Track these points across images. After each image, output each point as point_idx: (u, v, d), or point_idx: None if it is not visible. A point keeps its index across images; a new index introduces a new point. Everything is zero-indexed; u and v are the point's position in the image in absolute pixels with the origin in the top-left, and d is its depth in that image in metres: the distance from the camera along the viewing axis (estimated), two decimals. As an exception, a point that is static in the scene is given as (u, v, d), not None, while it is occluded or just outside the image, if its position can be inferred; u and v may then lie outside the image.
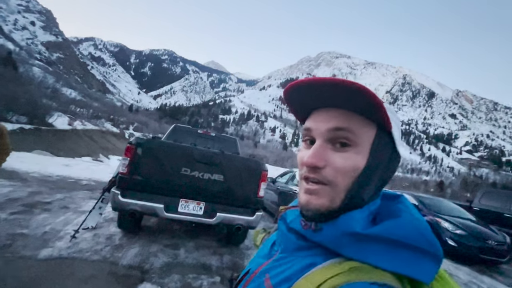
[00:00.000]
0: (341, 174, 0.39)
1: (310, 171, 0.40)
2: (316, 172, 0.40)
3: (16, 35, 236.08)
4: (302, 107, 0.45)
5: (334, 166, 0.39)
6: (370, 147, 0.40)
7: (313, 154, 0.40)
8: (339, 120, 0.40)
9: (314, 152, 0.40)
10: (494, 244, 5.20)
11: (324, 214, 0.40)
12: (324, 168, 0.39)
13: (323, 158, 0.39)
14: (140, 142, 3.00)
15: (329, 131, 0.40)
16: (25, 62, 74.29)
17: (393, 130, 0.41)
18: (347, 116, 0.39)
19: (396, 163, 0.44)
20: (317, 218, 0.41)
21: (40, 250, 2.69)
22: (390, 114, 0.39)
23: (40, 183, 5.61)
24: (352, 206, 0.40)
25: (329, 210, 0.40)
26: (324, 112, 0.42)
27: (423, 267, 0.35)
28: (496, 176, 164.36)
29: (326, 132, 0.40)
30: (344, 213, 0.40)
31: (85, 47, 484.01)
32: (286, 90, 0.42)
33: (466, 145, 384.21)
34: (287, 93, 0.43)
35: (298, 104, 0.44)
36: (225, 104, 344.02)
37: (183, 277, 2.69)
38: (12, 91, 27.27)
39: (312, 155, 0.40)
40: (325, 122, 0.41)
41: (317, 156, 0.40)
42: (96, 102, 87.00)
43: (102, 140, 38.01)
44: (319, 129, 0.41)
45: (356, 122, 0.39)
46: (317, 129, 0.42)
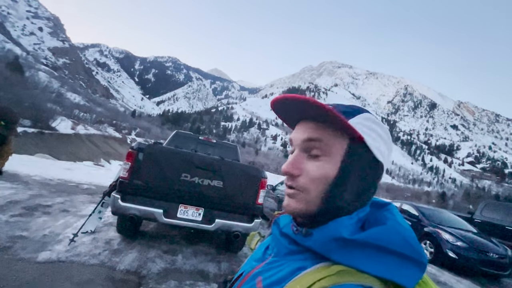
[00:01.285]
0: (313, 182, 0.42)
1: (288, 179, 0.45)
2: (292, 179, 0.44)
3: (24, 40, 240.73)
4: (290, 118, 0.48)
5: (307, 174, 0.43)
6: (342, 156, 0.42)
7: (289, 163, 0.44)
8: (312, 131, 0.43)
9: (290, 161, 0.44)
10: (495, 257, 5.14)
11: (305, 217, 0.44)
12: (299, 176, 0.43)
13: (299, 166, 0.44)
14: (142, 148, 3.04)
15: (303, 142, 0.44)
16: (31, 67, 75.43)
17: (367, 140, 0.43)
18: (319, 127, 0.43)
19: (378, 171, 0.45)
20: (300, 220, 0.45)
21: (39, 253, 2.70)
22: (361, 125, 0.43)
23: (41, 186, 5.64)
24: (333, 212, 0.43)
25: (308, 213, 0.43)
26: (302, 124, 0.46)
27: (407, 273, 0.36)
28: (498, 188, 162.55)
29: (301, 142, 0.44)
30: (328, 218, 0.42)
31: (91, 53, 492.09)
32: (273, 103, 0.45)
33: (468, 156, 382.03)
34: (275, 106, 0.46)
35: (283, 117, 0.49)
36: (227, 111, 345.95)
37: (180, 284, 2.68)
38: (17, 95, 27.67)
39: (288, 164, 0.44)
40: (302, 133, 0.45)
41: (292, 164, 0.44)
42: (99, 107, 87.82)
43: (104, 145, 38.18)
44: (297, 139, 0.45)
45: (327, 133, 0.42)
46: (296, 139, 0.46)
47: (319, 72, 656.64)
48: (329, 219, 0.42)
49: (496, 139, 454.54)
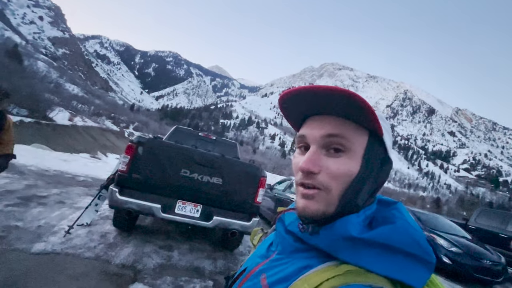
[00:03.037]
0: (335, 179, 0.40)
1: (305, 177, 0.42)
2: (311, 177, 0.41)
3: (24, 29, 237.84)
4: (297, 114, 0.46)
5: (328, 171, 0.40)
6: (363, 153, 0.41)
7: (308, 160, 0.41)
8: (333, 126, 0.41)
9: (309, 158, 0.41)
10: (489, 263, 5.17)
11: (321, 219, 0.41)
12: (318, 173, 0.41)
13: (318, 163, 0.41)
14: (142, 141, 3.00)
15: (323, 137, 0.41)
16: (30, 56, 74.68)
17: (384, 137, 0.42)
18: (340, 123, 0.41)
19: (388, 169, 0.45)
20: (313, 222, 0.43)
21: (33, 243, 2.66)
22: (381, 121, 0.40)
23: (37, 177, 5.58)
24: (347, 211, 0.41)
25: (325, 215, 0.41)
26: (318, 119, 0.43)
27: (416, 273, 0.36)
28: (492, 196, 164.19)
29: (320, 138, 0.42)
30: (340, 217, 0.41)
31: (91, 44, 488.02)
32: (282, 97, 0.43)
33: (464, 163, 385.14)
34: (283, 100, 0.44)
35: (293, 111, 0.46)
36: (226, 108, 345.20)
37: (175, 279, 2.67)
38: (15, 84, 27.38)
39: (307, 161, 0.41)
40: (319, 128, 0.42)
41: (312, 161, 0.41)
42: (98, 100, 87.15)
43: (101, 138, 37.93)
44: (314, 135, 0.42)
45: (349, 129, 0.41)
46: (311, 135, 0.43)
47: (319, 73, 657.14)
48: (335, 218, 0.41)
49: (492, 147, 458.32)
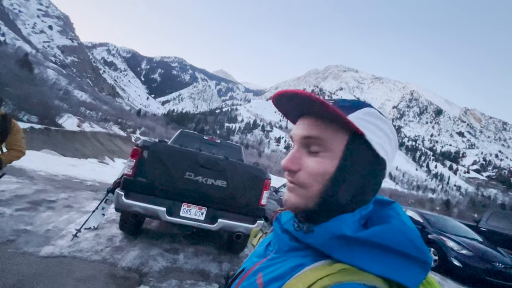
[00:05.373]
0: (312, 177, 0.42)
1: (288, 174, 0.45)
2: (292, 175, 0.44)
3: (34, 38, 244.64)
4: (290, 114, 0.48)
5: (307, 169, 0.43)
6: (342, 152, 0.42)
7: (288, 159, 0.44)
8: (310, 128, 0.43)
9: (289, 157, 0.45)
10: (501, 267, 5.03)
11: (305, 212, 0.44)
12: (299, 171, 0.43)
13: (298, 162, 0.44)
14: (147, 145, 3.05)
15: (302, 138, 0.44)
16: (40, 64, 76.65)
17: (368, 135, 0.41)
18: (318, 123, 0.42)
19: (380, 167, 0.44)
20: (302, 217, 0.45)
21: (42, 247, 2.71)
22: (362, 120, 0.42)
23: (46, 182, 5.69)
24: (334, 209, 0.42)
25: (307, 209, 0.43)
26: (302, 120, 0.46)
27: (410, 273, 0.36)
28: (505, 197, 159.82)
29: (300, 138, 0.44)
30: (330, 215, 0.42)
31: (98, 51, 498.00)
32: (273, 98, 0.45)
33: (474, 164, 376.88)
34: (275, 101, 0.46)
35: (284, 112, 0.48)
36: (231, 112, 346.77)
37: (181, 283, 2.67)
38: (26, 91, 28.09)
39: (287, 159, 0.44)
40: (300, 129, 0.45)
41: (291, 160, 0.44)
42: (105, 105, 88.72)
43: (109, 143, 38.51)
44: (296, 135, 0.45)
45: (327, 129, 0.42)
46: (295, 135, 0.46)
47: (324, 76, 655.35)
48: (331, 216, 0.42)
49: (503, 147, 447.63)
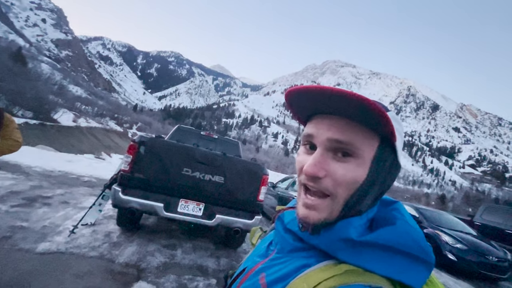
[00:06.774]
0: (341, 186, 0.38)
1: (310, 180, 0.40)
2: (315, 181, 0.39)
3: (27, 32, 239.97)
4: (304, 110, 0.43)
5: (334, 177, 0.38)
6: (372, 159, 0.39)
7: (313, 163, 0.39)
8: (341, 131, 0.38)
9: (314, 161, 0.39)
10: (495, 260, 5.12)
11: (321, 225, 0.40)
12: (324, 178, 0.39)
13: (323, 167, 0.39)
14: (144, 141, 3.02)
15: (329, 141, 0.39)
16: (34, 58, 75.35)
17: (396, 142, 0.39)
18: (349, 126, 0.38)
19: (396, 173, 0.43)
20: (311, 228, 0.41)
21: (38, 243, 2.70)
22: (395, 125, 0.38)
23: (42, 178, 5.64)
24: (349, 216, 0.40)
25: (326, 222, 0.40)
26: (326, 118, 0.40)
27: (415, 273, 0.36)
28: (498, 192, 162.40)
29: (327, 141, 0.39)
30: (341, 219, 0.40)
31: (93, 46, 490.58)
32: (290, 92, 0.41)
33: (469, 159, 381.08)
34: (291, 95, 0.41)
35: (301, 107, 0.43)
36: (228, 108, 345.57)
37: (179, 278, 2.68)
38: (20, 86, 27.66)
39: (312, 164, 0.39)
40: (327, 130, 0.39)
41: (317, 165, 0.39)
42: (101, 101, 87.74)
43: (105, 138, 38.25)
44: (320, 136, 0.40)
45: (359, 134, 0.38)
46: (318, 136, 0.40)
47: (322, 71, 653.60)
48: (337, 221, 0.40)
49: (498, 142, 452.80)
